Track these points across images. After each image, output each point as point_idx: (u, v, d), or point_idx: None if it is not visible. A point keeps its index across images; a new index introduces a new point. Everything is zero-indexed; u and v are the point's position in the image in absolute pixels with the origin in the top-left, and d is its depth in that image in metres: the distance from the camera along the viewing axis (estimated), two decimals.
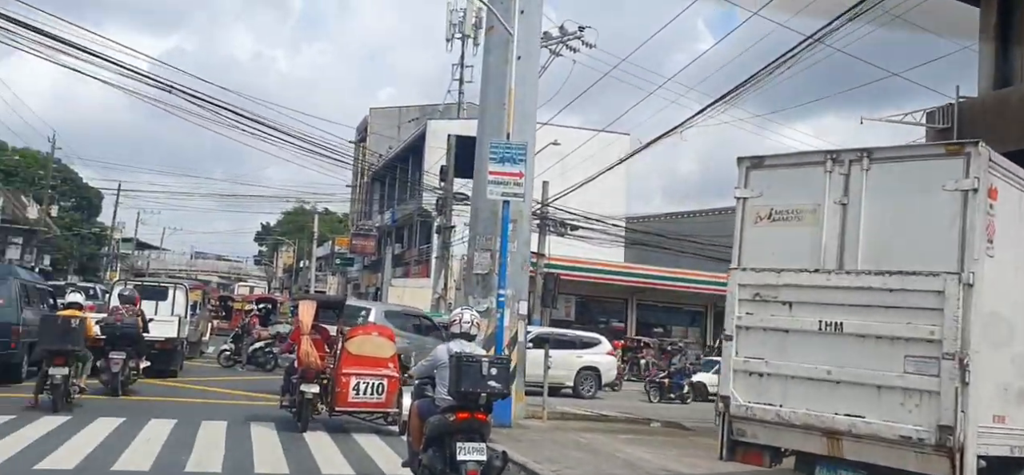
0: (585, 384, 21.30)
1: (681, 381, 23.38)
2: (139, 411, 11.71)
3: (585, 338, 22.47)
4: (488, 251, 13.37)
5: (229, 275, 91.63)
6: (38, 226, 52.33)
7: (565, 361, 20.11)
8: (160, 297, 18.68)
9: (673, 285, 32.76)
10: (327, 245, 70.06)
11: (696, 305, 34.89)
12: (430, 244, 38.07)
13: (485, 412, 6.64)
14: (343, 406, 11.29)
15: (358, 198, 57.83)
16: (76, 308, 12.31)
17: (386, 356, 11.58)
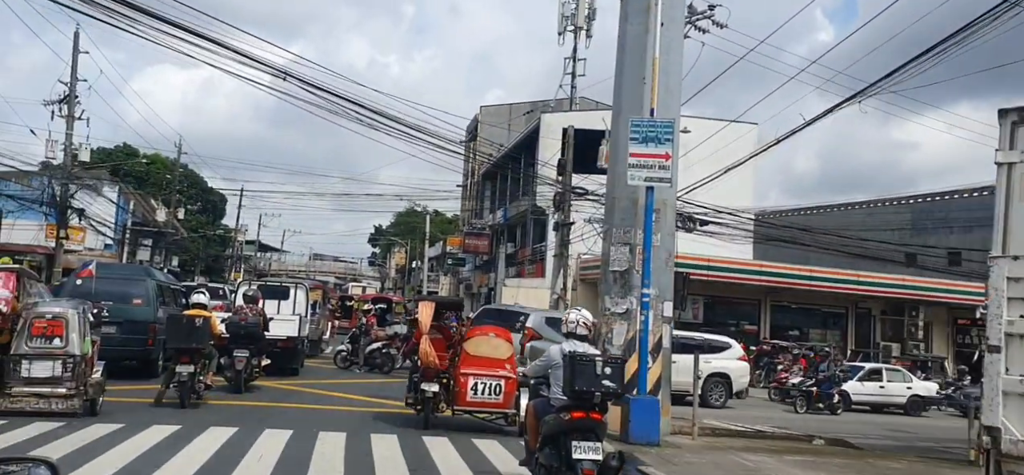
0: (714, 392, 19.51)
1: (830, 390, 21.24)
2: (255, 417, 11.12)
3: (714, 342, 20.52)
4: (627, 245, 11.85)
5: (345, 276, 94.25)
6: (166, 228, 54.30)
7: (687, 366, 18.41)
8: (282, 297, 18.77)
9: (811, 285, 30.15)
10: (438, 245, 70.13)
11: (835, 307, 32.10)
12: (545, 242, 36.78)
13: (600, 411, 6.73)
14: (462, 406, 11.38)
15: (469, 197, 57.32)
16: (201, 308, 12.53)
17: (503, 357, 11.50)
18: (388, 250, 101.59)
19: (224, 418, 10.76)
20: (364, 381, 18.27)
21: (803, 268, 30.79)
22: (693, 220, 26.14)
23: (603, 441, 6.76)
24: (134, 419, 10.15)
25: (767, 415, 18.25)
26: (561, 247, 25.28)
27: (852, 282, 30.74)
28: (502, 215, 42.52)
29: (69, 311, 10.43)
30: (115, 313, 14.57)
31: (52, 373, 10.03)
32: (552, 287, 25.24)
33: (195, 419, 10.50)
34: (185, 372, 11.48)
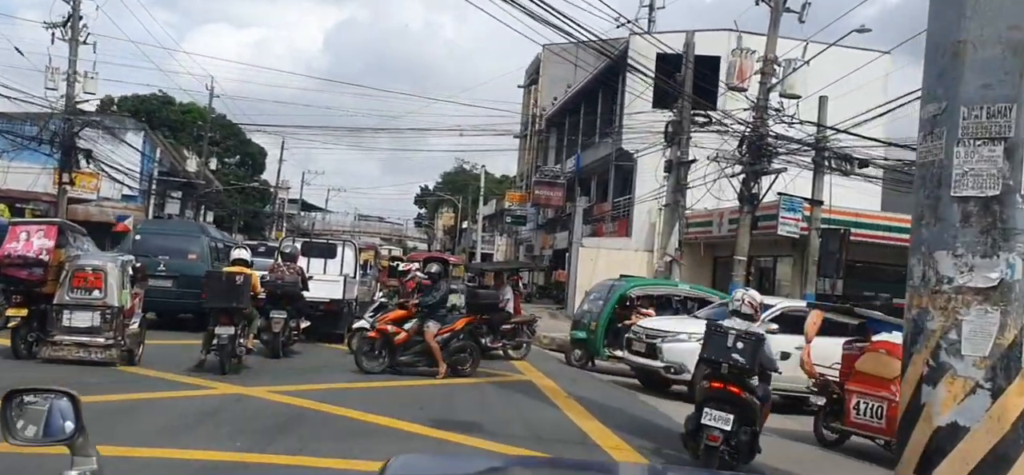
0: None
1: None
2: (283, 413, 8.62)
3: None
4: (998, 140, 5.53)
5: (390, 237, 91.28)
6: (197, 179, 49.65)
7: (824, 357, 12.21)
8: (328, 255, 17.61)
9: None
10: (492, 204, 64.38)
11: None
12: (631, 194, 30.47)
13: (736, 385, 7.26)
14: (847, 425, 9.83)
15: (528, 148, 51.14)
16: (242, 265, 11.95)
17: (890, 377, 8.88)
18: (436, 210, 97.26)
19: (253, 411, 8.77)
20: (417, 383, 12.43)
21: None
22: (850, 160, 19.62)
23: (735, 415, 7.10)
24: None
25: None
26: (675, 193, 18.98)
27: None
28: (574, 164, 36.19)
29: (109, 264, 10.92)
30: (171, 268, 15.65)
31: (91, 323, 10.53)
32: (661, 247, 19.01)
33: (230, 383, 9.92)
34: (225, 334, 10.92)
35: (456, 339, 12.04)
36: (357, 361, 11.85)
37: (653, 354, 12.59)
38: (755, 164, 18.62)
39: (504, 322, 14.59)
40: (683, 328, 12.58)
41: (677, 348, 12.36)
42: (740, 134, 18.89)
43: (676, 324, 13.28)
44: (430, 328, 11.77)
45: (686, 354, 11.79)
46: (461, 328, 12.12)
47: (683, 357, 11.86)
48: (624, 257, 28.35)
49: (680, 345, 12.29)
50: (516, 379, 12.62)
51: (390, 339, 11.78)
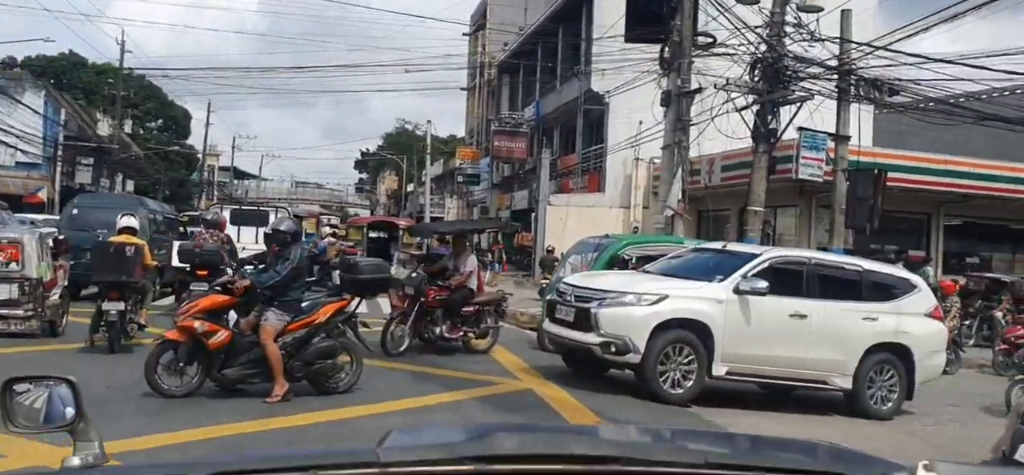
0: (880, 386, 9.27)
1: None
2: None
3: (877, 277, 9.84)
4: None
5: (330, 204, 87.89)
6: (110, 143, 44.61)
7: (835, 330, 9.06)
8: (260, 223, 17.15)
9: (1010, 189, 20.53)
10: (440, 164, 60.27)
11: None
12: (603, 143, 26.86)
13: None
14: None
15: (478, 101, 47.09)
16: (130, 233, 10.85)
17: None
18: (378, 173, 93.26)
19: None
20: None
21: (1004, 165, 21.07)
22: (880, 88, 16.23)
23: None
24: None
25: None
26: (676, 132, 15.33)
27: None
28: (533, 113, 32.33)
29: (25, 237, 10.96)
30: None
31: (9, 295, 10.41)
32: (664, 200, 15.36)
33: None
34: (114, 310, 9.69)
35: (318, 338, 7.65)
36: (149, 379, 7.25)
37: (585, 324, 8.76)
38: (772, 91, 15.10)
39: (465, 303, 10.87)
40: (629, 287, 8.96)
41: (620, 316, 8.57)
42: (752, 56, 15.32)
43: (619, 281, 9.44)
44: (270, 322, 7.37)
45: (634, 324, 8.47)
46: (324, 320, 7.69)
47: (629, 328, 8.46)
48: (597, 214, 24.90)
49: (625, 311, 8.58)
50: (499, 387, 8.86)
51: (202, 343, 7.31)
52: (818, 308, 8.94)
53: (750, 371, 8.86)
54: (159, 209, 18.58)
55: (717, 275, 8.89)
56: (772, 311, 8.73)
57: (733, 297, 8.60)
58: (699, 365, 8.52)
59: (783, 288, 8.84)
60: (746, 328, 8.64)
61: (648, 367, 8.39)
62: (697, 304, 8.61)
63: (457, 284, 10.78)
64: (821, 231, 19.99)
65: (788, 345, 8.79)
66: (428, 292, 10.55)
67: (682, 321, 8.52)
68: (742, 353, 8.67)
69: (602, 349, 8.62)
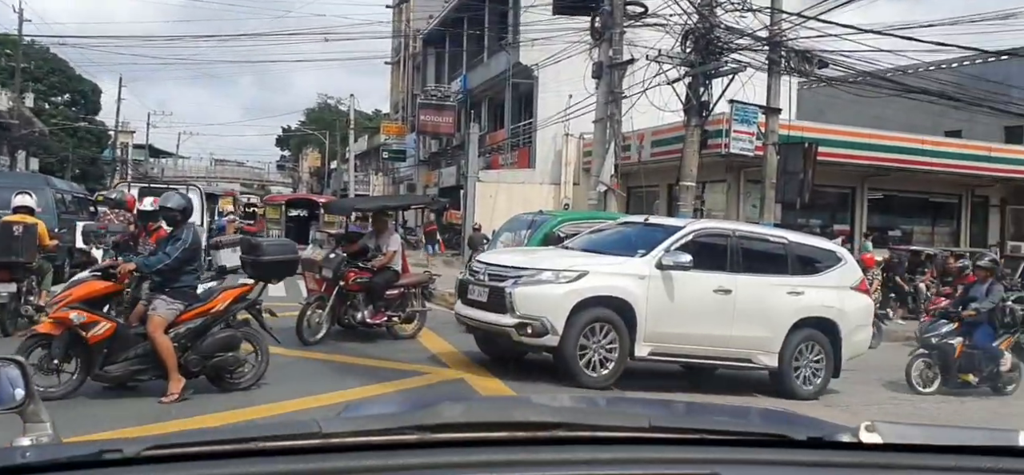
0: (807, 363, 8.83)
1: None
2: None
3: (803, 250, 9.36)
4: None
5: (251, 182, 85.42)
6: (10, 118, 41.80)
7: (760, 306, 8.64)
8: None
9: (932, 163, 20.90)
10: (364, 140, 58.76)
11: (946, 194, 23.08)
12: (531, 118, 26.34)
13: None
14: None
15: (403, 75, 45.91)
16: (26, 213, 10.26)
17: None
18: (300, 150, 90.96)
19: None
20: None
21: (925, 139, 21.46)
22: (809, 60, 16.11)
23: None
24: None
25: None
26: (608, 105, 14.87)
27: (985, 158, 21.69)
28: (460, 87, 31.52)
29: None
30: None
31: None
32: (597, 174, 14.90)
33: None
34: (5, 292, 9.38)
35: (216, 329, 6.81)
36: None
37: (500, 304, 8.07)
38: (704, 63, 14.78)
39: (388, 285, 10.08)
40: (546, 263, 8.34)
41: (537, 295, 7.92)
42: (684, 26, 14.96)
43: (535, 258, 8.80)
44: (159, 312, 6.55)
45: (551, 304, 7.84)
46: (222, 307, 6.82)
47: (547, 308, 7.85)
48: (528, 191, 24.46)
49: (542, 290, 7.93)
50: (427, 378, 8.25)
51: (80, 336, 6.38)
52: (743, 283, 8.52)
53: (674, 351, 8.42)
54: (68, 188, 17.93)
55: (639, 250, 8.41)
56: (696, 287, 8.30)
57: (656, 272, 8.13)
58: (621, 346, 8.03)
59: (707, 262, 8.42)
60: (670, 305, 8.18)
61: (567, 349, 7.86)
62: (618, 280, 8.12)
63: (379, 265, 10.00)
64: (749, 206, 19.96)
65: (713, 322, 8.38)
66: (347, 274, 9.77)
67: (603, 299, 8.02)
68: (666, 332, 8.22)
69: (518, 331, 7.94)
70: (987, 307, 9.55)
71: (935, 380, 9.45)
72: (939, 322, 9.85)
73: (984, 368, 9.51)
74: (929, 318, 13.17)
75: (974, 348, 9.46)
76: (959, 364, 9.47)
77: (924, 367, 9.49)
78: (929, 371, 9.52)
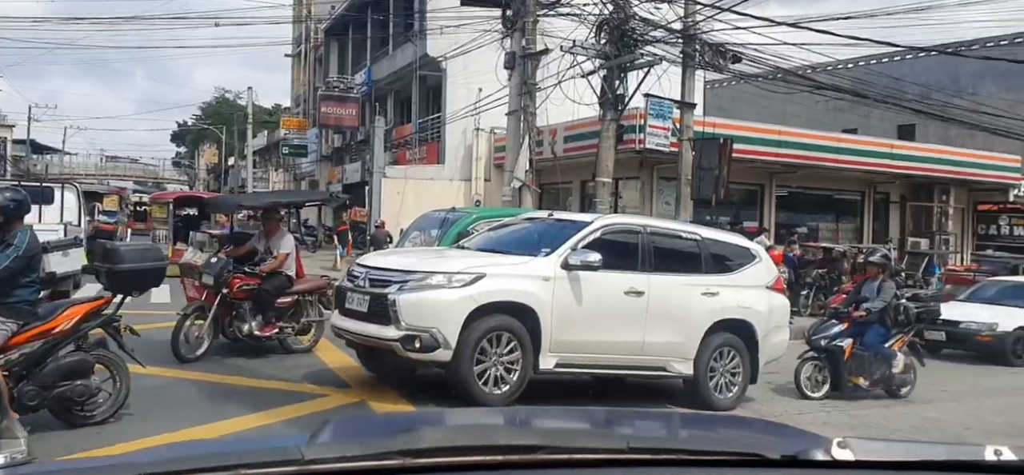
0: (723, 370, 8.13)
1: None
2: None
3: (717, 248, 8.64)
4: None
5: (145, 179, 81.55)
6: None
7: (674, 308, 7.91)
8: (44, 201, 14.70)
9: (837, 159, 21.11)
10: (264, 136, 56.43)
11: (849, 191, 23.47)
12: (439, 112, 25.41)
13: None
14: None
15: (304, 67, 44.10)
16: None
17: None
18: (197, 146, 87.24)
19: None
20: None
21: (830, 136, 21.68)
22: (723, 55, 15.83)
23: None
24: None
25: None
26: (522, 97, 14.14)
27: (885, 155, 22.12)
28: (364, 79, 30.25)
29: None
30: None
31: None
32: (511, 170, 14.13)
33: None
34: None
35: (64, 352, 5.70)
36: None
37: (383, 314, 6.98)
38: (619, 55, 14.24)
39: (280, 292, 8.96)
40: (437, 265, 7.33)
41: (426, 302, 6.88)
42: (598, 16, 14.39)
43: (424, 259, 7.74)
44: None
45: (443, 312, 6.85)
46: (69, 327, 5.71)
47: (438, 317, 6.86)
48: (437, 188, 23.53)
49: (432, 296, 6.91)
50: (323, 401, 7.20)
51: None
52: (656, 283, 7.75)
53: (583, 361, 7.52)
54: None
55: (543, 248, 7.52)
56: (606, 289, 7.50)
57: (562, 273, 7.26)
58: (524, 357, 7.11)
59: (617, 261, 7.62)
60: (578, 310, 7.33)
61: (462, 365, 6.86)
62: (520, 283, 7.20)
63: (269, 269, 8.87)
64: (662, 203, 19.65)
65: (625, 328, 7.59)
66: (232, 281, 8.63)
67: (503, 305, 7.07)
68: (573, 340, 7.35)
69: (404, 346, 6.85)
70: (878, 307, 8.95)
71: (825, 384, 8.83)
72: (829, 322, 9.24)
73: (876, 370, 8.93)
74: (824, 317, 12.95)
75: (865, 350, 8.87)
76: (849, 367, 8.81)
77: (813, 370, 8.85)
78: (819, 375, 8.83)
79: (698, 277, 8.12)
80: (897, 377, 8.99)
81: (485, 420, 2.16)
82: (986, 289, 15.12)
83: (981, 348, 12.79)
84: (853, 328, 8.96)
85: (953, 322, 12.40)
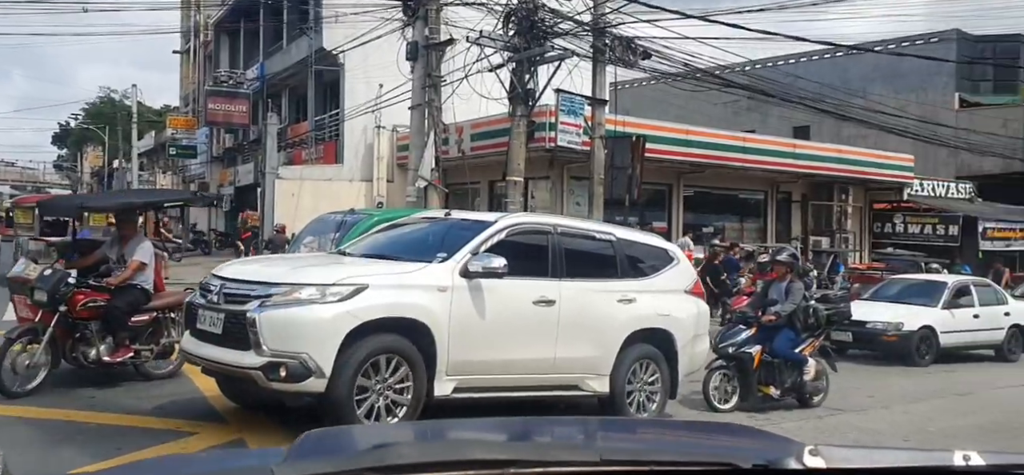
0: (641, 386, 7.38)
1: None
2: None
3: (633, 249, 7.81)
4: None
5: (23, 183, 76.65)
6: None
7: (589, 318, 7.09)
8: None
9: (743, 159, 21.06)
10: (151, 137, 53.23)
11: (753, 190, 23.55)
12: (338, 109, 24.11)
13: None
14: None
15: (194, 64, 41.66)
16: None
17: None
18: (79, 148, 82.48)
19: None
20: None
21: (738, 136, 21.63)
22: (634, 50, 15.33)
23: None
24: None
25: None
26: (426, 90, 13.19)
27: (789, 154, 22.27)
28: (256, 73, 28.54)
29: None
30: None
31: None
32: (416, 168, 13.13)
33: None
34: None
35: None
36: None
37: (240, 337, 5.85)
38: (529, 48, 13.49)
39: (135, 310, 7.58)
40: (309, 275, 6.15)
41: (293, 321, 5.76)
42: (505, 6, 13.60)
43: (292, 269, 6.43)
44: None
45: (315, 333, 5.74)
46: None
47: (308, 339, 5.74)
48: (335, 189, 22.26)
49: (301, 314, 5.77)
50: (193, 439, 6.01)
51: None
52: (568, 291, 6.90)
53: (486, 384, 6.50)
54: None
55: (439, 253, 6.56)
56: (512, 298, 6.62)
57: (460, 282, 6.32)
58: (415, 384, 6.08)
59: (525, 267, 6.73)
60: (480, 324, 6.40)
61: (339, 396, 5.74)
62: (411, 295, 6.16)
63: (119, 282, 7.51)
64: (573, 204, 19.09)
65: (534, 342, 6.72)
66: (74, 297, 7.24)
67: (390, 322, 6.03)
68: (475, 360, 6.40)
69: (266, 374, 5.65)
70: (788, 310, 8.34)
71: (734, 395, 8.22)
72: (736, 328, 8.56)
73: (787, 378, 8.31)
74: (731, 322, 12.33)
75: (775, 356, 8.28)
76: (759, 375, 8.23)
77: (722, 380, 8.22)
78: (728, 385, 8.20)
79: (614, 282, 7.33)
80: (809, 384, 8.45)
81: (458, 434, 2.14)
82: (889, 287, 15.14)
83: (887, 348, 12.62)
84: (761, 333, 8.37)
85: (860, 322, 12.14)
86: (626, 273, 7.47)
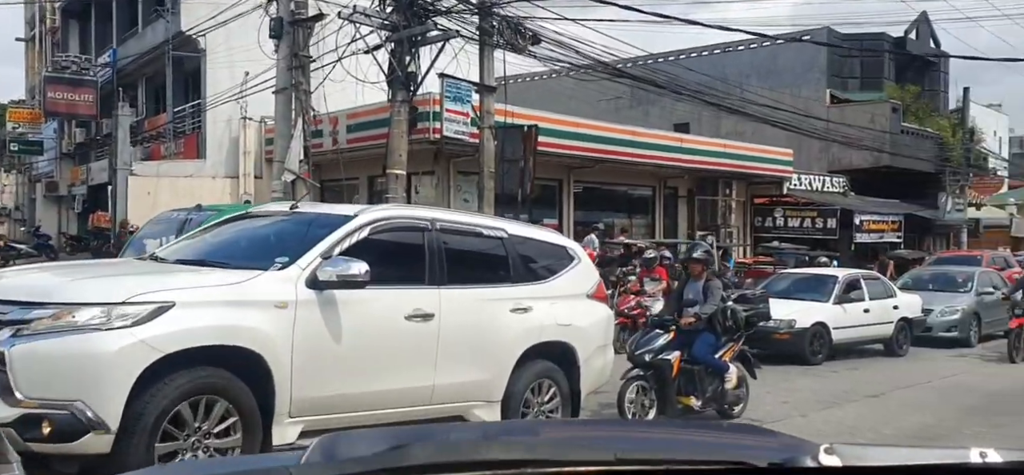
0: (537, 411, 6.39)
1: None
2: None
3: (527, 247, 6.74)
4: None
5: None
6: None
7: (476, 334, 6.01)
8: None
9: (632, 153, 20.56)
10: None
11: (642, 186, 23.20)
12: (199, 98, 22.06)
13: None
14: None
15: (40, 53, 37.90)
16: None
17: None
18: None
19: None
20: None
21: (627, 129, 21.13)
22: (523, 35, 14.39)
23: None
24: None
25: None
26: (293, 72, 11.76)
27: (676, 149, 22.00)
28: (108, 59, 25.90)
29: None
30: None
31: None
32: (282, 159, 11.66)
33: None
34: None
35: None
36: None
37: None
38: (409, 26, 12.30)
39: None
40: (92, 287, 4.67)
41: (61, 356, 4.28)
42: None
43: (71, 277, 4.98)
44: None
45: (93, 372, 4.28)
46: None
47: (84, 381, 4.29)
48: (197, 186, 20.26)
49: (73, 345, 4.29)
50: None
51: None
52: (450, 301, 5.74)
53: (344, 425, 4.98)
54: None
55: (278, 258, 5.17)
56: (378, 314, 5.41)
57: (307, 295, 4.98)
58: (247, 433, 4.71)
59: (395, 272, 5.59)
60: (334, 349, 5.10)
61: (131, 458, 4.23)
62: (235, 315, 4.74)
63: None
64: (461, 200, 17.99)
65: (406, 368, 5.54)
66: None
67: (205, 352, 4.59)
68: (328, 396, 5.10)
69: (21, 431, 4.07)
70: (709, 311, 7.63)
71: (652, 407, 7.43)
72: (652, 332, 7.85)
73: (708, 387, 7.71)
74: (621, 320, 11.51)
75: (694, 363, 7.63)
76: (678, 384, 7.58)
77: (638, 393, 7.43)
78: (645, 397, 7.47)
79: (505, 288, 6.24)
80: (730, 393, 7.74)
81: (473, 434, 2.07)
82: (778, 282, 14.88)
83: (778, 347, 12.11)
84: (679, 338, 7.58)
85: None
86: (520, 277, 6.37)
